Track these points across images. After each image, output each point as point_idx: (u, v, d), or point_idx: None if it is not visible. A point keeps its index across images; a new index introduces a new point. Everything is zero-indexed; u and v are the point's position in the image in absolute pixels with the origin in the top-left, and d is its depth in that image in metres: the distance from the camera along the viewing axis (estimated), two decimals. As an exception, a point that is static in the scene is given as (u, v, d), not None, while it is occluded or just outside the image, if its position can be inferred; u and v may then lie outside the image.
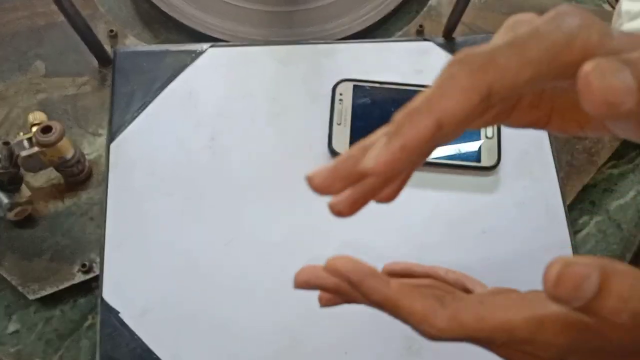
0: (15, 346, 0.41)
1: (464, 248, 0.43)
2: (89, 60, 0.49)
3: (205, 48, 0.49)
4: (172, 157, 0.45)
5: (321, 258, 0.43)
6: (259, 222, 0.43)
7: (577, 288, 0.18)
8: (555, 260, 0.18)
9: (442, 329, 0.24)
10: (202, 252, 0.42)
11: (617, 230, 0.46)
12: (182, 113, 0.47)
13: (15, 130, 0.47)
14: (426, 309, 0.24)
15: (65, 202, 0.45)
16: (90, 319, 0.42)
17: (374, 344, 0.40)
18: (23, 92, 0.48)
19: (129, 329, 0.40)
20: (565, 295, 0.18)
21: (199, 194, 0.44)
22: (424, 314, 0.24)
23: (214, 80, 0.48)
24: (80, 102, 0.48)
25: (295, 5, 0.53)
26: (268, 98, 0.48)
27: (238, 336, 0.40)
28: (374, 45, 0.50)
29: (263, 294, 0.41)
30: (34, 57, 0.50)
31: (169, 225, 0.43)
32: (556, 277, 0.18)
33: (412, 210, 0.44)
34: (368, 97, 0.47)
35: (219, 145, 0.46)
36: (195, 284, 0.41)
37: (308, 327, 0.41)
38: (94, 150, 0.46)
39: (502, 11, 0.53)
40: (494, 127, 0.46)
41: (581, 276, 0.18)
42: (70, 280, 0.42)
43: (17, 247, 0.43)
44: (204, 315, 0.41)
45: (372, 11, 0.53)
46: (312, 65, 0.49)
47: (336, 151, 0.45)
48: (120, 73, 0.48)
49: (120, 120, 0.46)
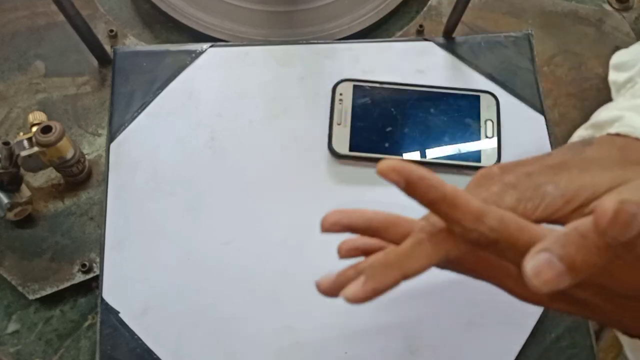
0: (15, 346, 0.41)
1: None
2: (89, 60, 0.49)
3: (205, 48, 0.49)
4: (172, 157, 0.45)
5: (321, 258, 0.43)
6: (259, 222, 0.43)
7: (629, 225, 0.19)
8: (608, 197, 0.20)
9: (504, 218, 0.23)
10: (202, 252, 0.42)
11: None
12: (182, 113, 0.47)
13: (15, 130, 0.47)
14: (485, 203, 0.24)
15: (65, 202, 0.45)
16: (90, 319, 0.42)
17: (374, 344, 0.40)
18: (23, 92, 0.48)
19: (129, 329, 0.40)
20: (618, 233, 0.19)
21: (199, 193, 0.44)
22: (482, 209, 0.23)
23: (214, 80, 0.48)
24: (80, 102, 0.48)
25: (295, 5, 0.53)
26: (268, 98, 0.48)
27: (238, 336, 0.40)
28: (374, 45, 0.50)
29: (263, 293, 0.41)
30: (33, 57, 0.50)
31: (168, 225, 0.43)
32: (613, 213, 0.19)
33: (412, 210, 0.44)
34: (368, 97, 0.47)
35: (218, 145, 0.46)
36: (195, 284, 0.41)
37: (308, 326, 0.41)
38: (94, 150, 0.47)
39: (502, 11, 0.53)
40: (494, 127, 0.46)
41: (633, 214, 0.19)
42: (70, 280, 0.42)
43: (17, 247, 0.43)
44: (204, 315, 0.41)
45: (372, 11, 0.53)
46: (312, 65, 0.49)
47: (336, 151, 0.45)
48: (120, 73, 0.48)
49: (120, 120, 0.46)
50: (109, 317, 0.40)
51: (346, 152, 0.45)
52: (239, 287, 0.41)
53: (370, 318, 0.41)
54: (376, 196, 0.45)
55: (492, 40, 0.50)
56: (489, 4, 0.54)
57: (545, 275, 0.21)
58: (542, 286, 0.21)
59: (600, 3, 0.54)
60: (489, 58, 0.49)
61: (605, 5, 0.54)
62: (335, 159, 0.45)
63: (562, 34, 0.52)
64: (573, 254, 0.21)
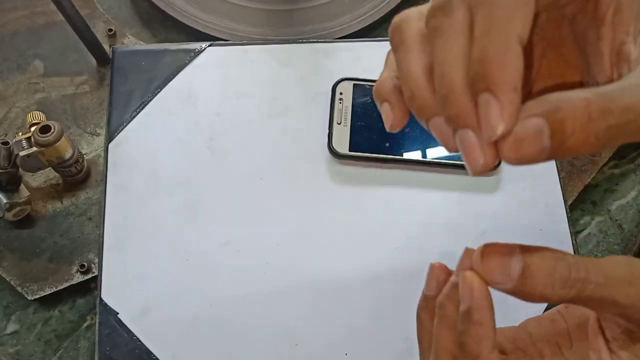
0: (14, 346, 0.41)
1: (464, 248, 0.43)
2: (88, 59, 0.49)
3: (204, 47, 0.49)
4: (171, 156, 0.45)
5: (322, 258, 0.43)
6: (258, 222, 0.43)
7: (506, 269, 0.19)
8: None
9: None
10: (201, 253, 0.42)
11: (618, 230, 0.45)
12: (180, 112, 0.47)
13: (14, 130, 0.47)
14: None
15: (63, 202, 0.44)
16: (89, 320, 0.42)
17: (374, 345, 0.40)
18: (22, 92, 0.48)
19: (127, 329, 0.40)
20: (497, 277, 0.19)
21: (198, 194, 0.44)
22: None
23: (213, 79, 0.48)
24: (78, 101, 0.48)
25: (294, 4, 0.53)
26: (267, 97, 0.47)
27: (238, 337, 0.40)
28: (374, 44, 0.50)
29: (263, 294, 0.41)
30: (32, 56, 0.50)
31: (167, 226, 0.43)
32: (480, 254, 0.19)
33: (413, 210, 0.44)
34: (368, 96, 0.46)
35: (218, 145, 0.46)
36: (194, 285, 0.41)
37: (308, 327, 0.40)
38: (93, 150, 0.46)
39: (503, 9, 0.53)
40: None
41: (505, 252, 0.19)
42: (68, 281, 0.42)
43: (15, 247, 0.43)
44: (204, 316, 0.40)
45: (372, 10, 0.52)
46: (312, 64, 0.49)
47: (336, 151, 0.44)
48: (119, 72, 0.48)
49: (118, 119, 0.46)
50: (108, 317, 0.40)
51: (346, 151, 0.44)
52: (238, 288, 0.41)
53: (370, 319, 0.41)
54: (376, 196, 0.44)
55: (492, 39, 0.50)
56: (490, 2, 0.53)
57: (525, 149, 0.17)
58: (516, 160, 0.18)
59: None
60: (489, 57, 0.49)
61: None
62: (335, 159, 0.45)
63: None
64: (569, 134, 0.17)
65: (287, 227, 0.43)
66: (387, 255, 0.43)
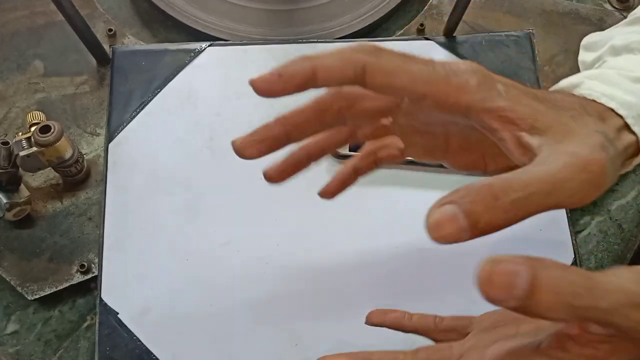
0: (14, 346, 0.41)
1: (463, 249, 0.43)
2: (88, 59, 0.49)
3: (204, 47, 0.49)
4: (171, 156, 0.45)
5: (322, 258, 0.43)
6: (258, 222, 0.43)
7: (510, 285, 0.18)
8: (485, 260, 0.19)
9: None
10: (200, 252, 0.42)
11: (618, 230, 0.45)
12: (180, 112, 0.47)
13: (14, 130, 0.47)
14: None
15: (63, 202, 0.44)
16: (89, 320, 0.42)
17: (373, 345, 0.40)
18: (22, 92, 0.48)
19: (127, 329, 0.40)
20: (499, 295, 0.19)
21: (198, 194, 0.44)
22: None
23: (213, 79, 0.48)
24: (78, 101, 0.48)
25: (294, 4, 0.53)
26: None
27: (237, 337, 0.40)
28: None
29: (262, 294, 0.41)
30: (32, 56, 0.50)
31: (167, 226, 0.43)
32: (488, 276, 0.19)
33: (413, 210, 0.44)
34: (368, 97, 0.46)
35: (217, 145, 0.46)
36: (194, 285, 0.41)
37: (307, 327, 0.40)
38: (93, 150, 0.46)
39: (503, 10, 0.53)
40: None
41: (511, 272, 0.19)
42: (68, 281, 0.42)
43: (15, 247, 0.43)
44: (203, 316, 0.40)
45: (372, 10, 0.52)
46: (312, 64, 0.49)
47: (336, 151, 0.44)
48: (119, 72, 0.48)
49: (118, 119, 0.46)
50: (108, 317, 0.40)
51: (346, 152, 0.44)
52: (237, 288, 0.41)
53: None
54: (376, 196, 0.44)
55: (493, 40, 0.50)
56: (490, 3, 0.53)
57: (445, 229, 0.21)
58: (440, 240, 0.21)
59: (601, 3, 0.54)
60: (490, 57, 0.49)
61: (606, 4, 0.54)
62: (335, 159, 0.45)
63: (563, 33, 0.52)
64: (480, 213, 0.21)
65: (287, 227, 0.43)
66: (387, 255, 0.43)
